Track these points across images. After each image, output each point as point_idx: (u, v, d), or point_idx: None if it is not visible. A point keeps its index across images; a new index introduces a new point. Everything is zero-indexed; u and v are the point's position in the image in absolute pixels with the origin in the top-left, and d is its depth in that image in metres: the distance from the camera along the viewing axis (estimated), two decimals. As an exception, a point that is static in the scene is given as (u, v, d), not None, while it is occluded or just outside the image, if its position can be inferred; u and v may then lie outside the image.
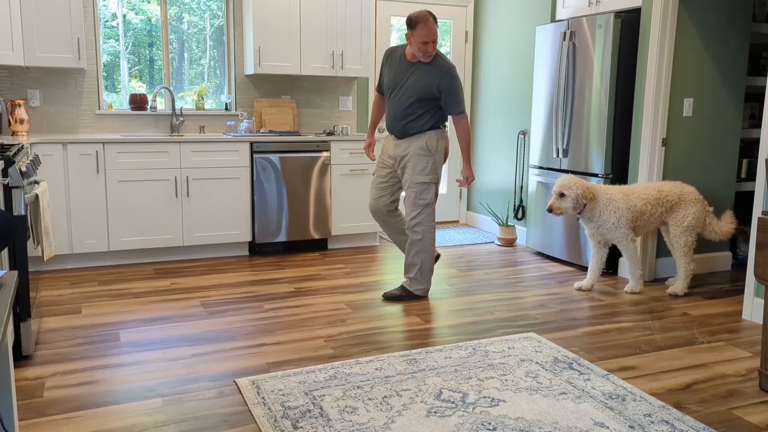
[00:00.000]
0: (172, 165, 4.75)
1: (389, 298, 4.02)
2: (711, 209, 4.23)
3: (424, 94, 3.79)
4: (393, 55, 3.94)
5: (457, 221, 6.68)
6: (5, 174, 2.81)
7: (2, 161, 2.80)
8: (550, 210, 4.11)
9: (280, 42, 5.27)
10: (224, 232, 4.97)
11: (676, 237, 4.12)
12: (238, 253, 5.14)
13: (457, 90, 3.81)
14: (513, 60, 5.78)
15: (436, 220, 6.58)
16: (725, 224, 4.23)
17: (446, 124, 3.98)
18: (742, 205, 5.07)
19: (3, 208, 2.82)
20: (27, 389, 2.70)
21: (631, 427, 2.42)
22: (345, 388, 2.71)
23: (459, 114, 3.84)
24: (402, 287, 4.04)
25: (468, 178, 3.97)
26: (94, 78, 5.05)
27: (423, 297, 4.06)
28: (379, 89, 4.10)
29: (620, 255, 4.68)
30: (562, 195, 4.06)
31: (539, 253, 5.31)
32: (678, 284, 4.18)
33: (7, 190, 2.82)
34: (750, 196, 5.00)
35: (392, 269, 4.78)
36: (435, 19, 3.71)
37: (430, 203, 3.92)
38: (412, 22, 3.70)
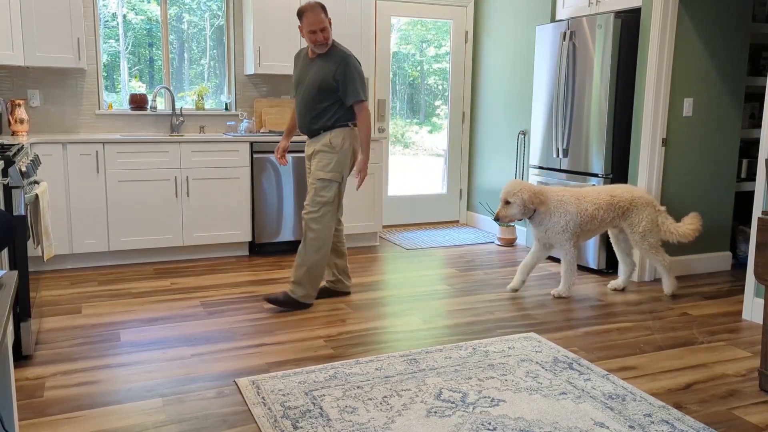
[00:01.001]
0: (172, 165, 4.75)
1: (270, 301, 3.76)
2: (663, 209, 4.13)
3: (322, 86, 3.66)
4: (299, 56, 3.89)
5: (457, 221, 6.68)
6: (5, 174, 2.81)
7: (2, 161, 2.80)
8: (496, 219, 4.01)
9: (280, 42, 5.27)
10: (224, 232, 4.97)
11: (637, 243, 4.07)
12: (238, 253, 5.14)
13: (355, 78, 3.66)
14: (513, 60, 5.78)
15: (438, 219, 6.60)
16: (685, 225, 4.10)
17: (356, 122, 3.80)
18: (742, 205, 5.08)
19: (3, 208, 2.82)
20: (27, 389, 2.70)
21: (631, 427, 2.42)
22: (345, 388, 2.71)
23: (358, 103, 3.70)
24: (285, 293, 3.77)
25: (361, 172, 3.79)
26: (94, 78, 5.05)
27: (307, 306, 3.80)
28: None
29: (620, 255, 4.68)
30: (507, 202, 3.95)
31: (539, 253, 5.31)
32: (666, 283, 4.15)
33: (7, 190, 2.82)
34: (750, 196, 5.00)
35: (392, 269, 4.78)
36: (323, 7, 3.61)
37: (330, 202, 3.76)
38: (299, 13, 3.62)
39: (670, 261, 4.13)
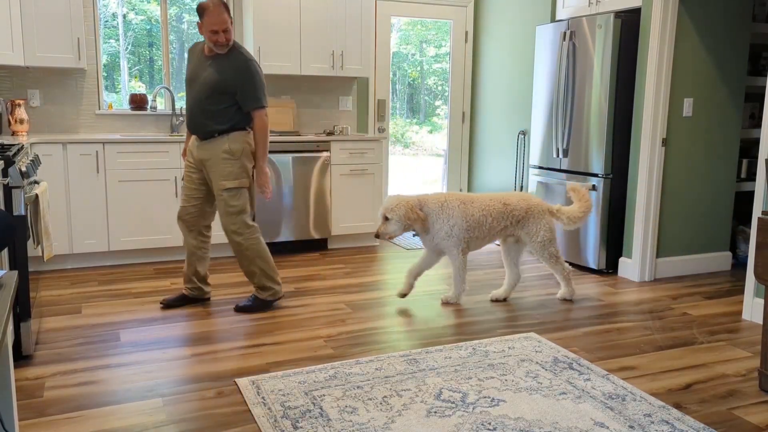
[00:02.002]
0: (172, 165, 4.75)
1: (241, 310, 3.72)
2: (557, 207, 4.00)
3: (219, 88, 3.49)
4: (194, 50, 3.68)
5: (457, 221, 6.67)
6: (5, 174, 2.81)
7: (2, 161, 2.80)
8: (377, 236, 3.82)
9: (280, 42, 5.27)
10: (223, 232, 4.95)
11: (537, 252, 3.95)
12: (238, 253, 5.13)
13: (255, 83, 3.52)
14: (513, 60, 5.78)
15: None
16: (574, 208, 3.99)
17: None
18: (742, 205, 5.08)
19: (3, 208, 2.82)
20: (27, 389, 2.70)
21: (631, 427, 2.42)
22: (345, 388, 2.71)
23: (257, 110, 3.55)
24: (253, 297, 3.77)
25: (264, 187, 3.63)
26: (94, 78, 5.05)
27: (275, 301, 3.81)
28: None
29: (620, 254, 4.68)
30: (386, 218, 3.77)
31: (539, 253, 5.31)
32: (563, 290, 4.05)
33: (7, 190, 2.82)
34: (750, 196, 5.00)
35: (392, 269, 4.78)
36: (226, 7, 3.46)
37: (243, 210, 3.62)
38: (201, 10, 3.45)
39: (570, 270, 4.05)
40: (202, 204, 3.72)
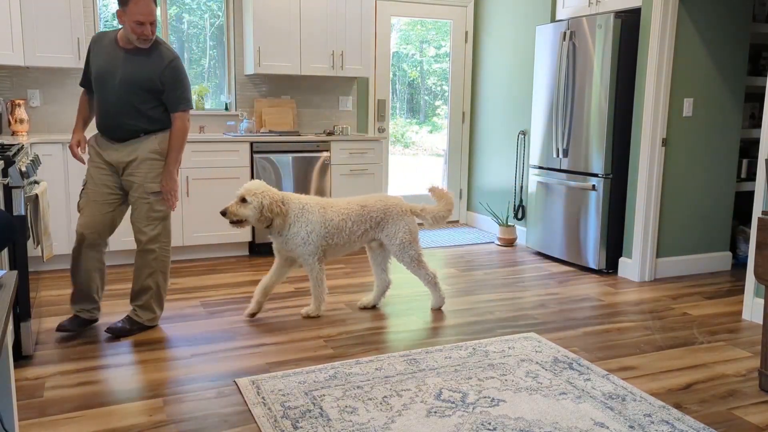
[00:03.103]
0: (172, 165, 4.74)
1: (114, 332, 3.28)
2: (420, 207, 3.81)
3: (145, 86, 3.21)
4: (100, 41, 3.27)
5: (457, 221, 6.68)
6: (5, 174, 2.81)
7: (2, 161, 2.80)
8: (223, 213, 3.41)
9: (280, 42, 5.27)
10: (224, 232, 4.96)
11: (397, 254, 3.72)
12: (238, 253, 5.14)
13: (184, 83, 3.29)
14: (513, 60, 5.78)
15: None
16: (438, 207, 3.80)
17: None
18: (742, 205, 5.08)
19: (3, 208, 2.82)
20: (27, 389, 2.70)
21: (631, 427, 2.42)
22: (345, 388, 2.71)
23: (183, 112, 3.29)
24: (128, 318, 3.35)
25: (170, 194, 3.33)
26: (94, 78, 5.05)
27: (153, 327, 3.45)
28: (86, 83, 3.38)
29: (620, 254, 4.68)
30: (244, 200, 3.40)
31: (539, 253, 5.31)
32: (433, 298, 3.84)
33: (7, 190, 2.82)
34: (750, 196, 5.00)
35: (392, 269, 4.77)
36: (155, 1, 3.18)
37: (167, 216, 3.40)
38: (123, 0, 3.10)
39: (435, 274, 3.81)
40: (114, 214, 3.36)
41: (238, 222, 3.44)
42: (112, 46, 3.24)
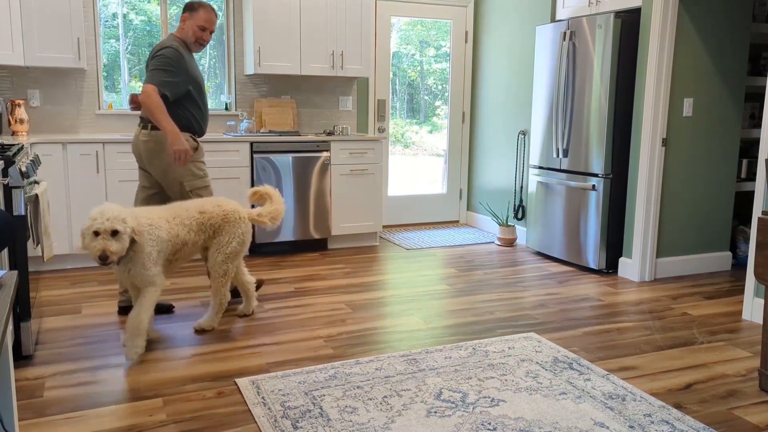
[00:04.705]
0: (172, 165, 4.75)
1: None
2: (257, 211, 3.54)
3: None
4: (180, 51, 3.49)
5: (457, 221, 6.68)
6: (5, 174, 2.81)
7: (2, 161, 2.80)
8: (103, 260, 2.78)
9: (280, 42, 5.27)
10: (224, 232, 4.96)
11: (217, 266, 3.33)
12: (238, 253, 5.13)
13: None
14: (513, 60, 5.78)
15: (438, 219, 6.61)
16: (273, 207, 3.58)
17: None
18: (742, 205, 5.08)
19: (3, 208, 2.82)
20: (27, 389, 2.70)
21: (631, 427, 2.42)
22: (345, 388, 2.71)
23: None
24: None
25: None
26: (94, 78, 5.05)
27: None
28: (180, 90, 3.48)
29: (620, 254, 4.68)
30: (116, 232, 2.80)
31: (539, 253, 5.31)
32: (207, 319, 3.41)
33: (7, 190, 2.82)
34: (750, 196, 5.00)
35: (392, 269, 4.78)
36: (216, 14, 3.58)
37: None
38: (195, 5, 3.51)
39: (225, 303, 3.42)
40: None
41: (116, 260, 2.85)
42: (189, 54, 3.55)
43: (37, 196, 2.99)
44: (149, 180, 3.65)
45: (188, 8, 3.53)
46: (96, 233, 2.79)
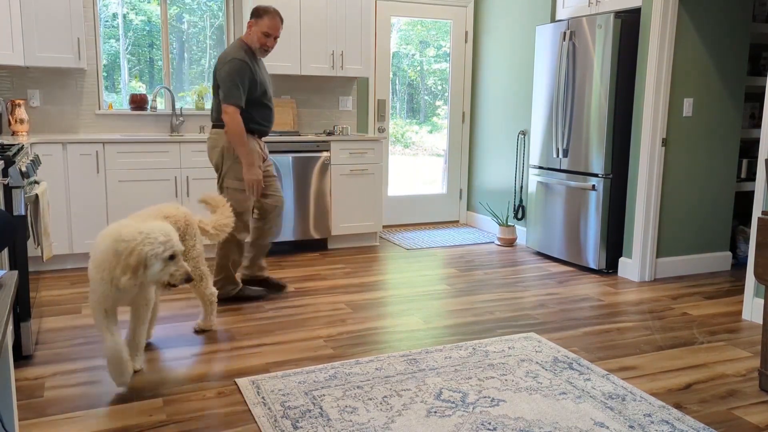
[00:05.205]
0: (172, 165, 4.75)
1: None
2: (199, 220, 3.35)
3: None
4: (246, 58, 3.66)
5: (457, 221, 6.68)
6: (5, 174, 2.81)
7: (2, 161, 2.80)
8: (189, 280, 2.62)
9: (280, 42, 5.26)
10: (224, 232, 4.96)
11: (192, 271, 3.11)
12: (238, 253, 5.13)
13: None
14: (513, 60, 5.78)
15: (438, 219, 6.61)
16: (220, 216, 3.44)
17: None
18: (742, 205, 5.08)
19: (3, 208, 2.82)
20: (27, 389, 2.70)
21: (631, 427, 2.42)
22: (345, 388, 2.71)
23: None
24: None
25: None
26: (94, 78, 5.05)
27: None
28: (249, 97, 3.70)
29: (620, 254, 4.68)
30: (174, 256, 2.59)
31: (539, 253, 5.31)
32: (204, 320, 3.38)
33: (7, 190, 2.82)
34: (750, 196, 5.00)
35: (392, 269, 4.78)
36: (281, 20, 3.77)
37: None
38: (261, 12, 3.68)
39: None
40: None
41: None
42: (253, 57, 3.72)
43: (37, 196, 2.99)
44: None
45: (254, 14, 3.68)
46: (172, 257, 2.57)
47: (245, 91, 3.64)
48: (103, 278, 2.60)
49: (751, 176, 4.98)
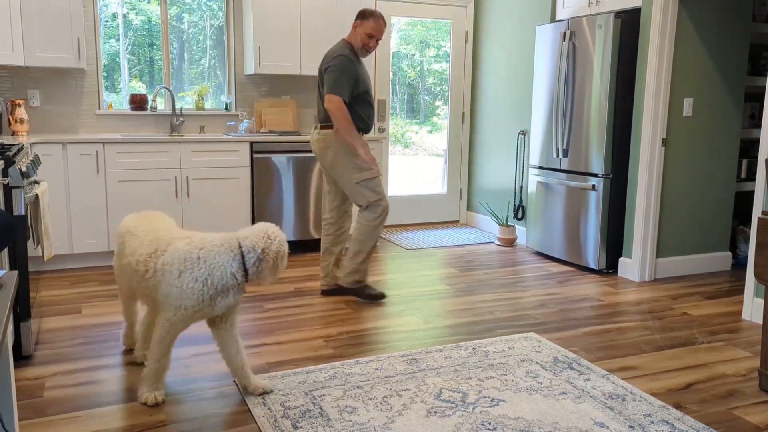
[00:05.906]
0: (172, 165, 4.75)
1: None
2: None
3: None
4: (350, 58, 3.82)
5: (457, 221, 6.68)
6: (5, 174, 2.81)
7: (2, 161, 2.80)
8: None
9: (280, 42, 5.27)
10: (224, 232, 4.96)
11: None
12: (238, 253, 5.13)
13: None
14: (513, 60, 5.78)
15: (438, 219, 6.61)
16: None
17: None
18: (742, 205, 5.08)
19: (3, 208, 2.82)
20: (27, 389, 2.70)
21: (631, 427, 2.42)
22: (345, 388, 2.71)
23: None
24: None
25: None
26: (94, 78, 5.05)
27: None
28: (353, 93, 3.82)
29: (620, 254, 4.68)
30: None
31: (539, 253, 5.31)
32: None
33: (7, 190, 2.82)
34: (750, 196, 5.00)
35: (392, 269, 4.78)
36: (385, 23, 3.93)
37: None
38: (366, 14, 3.87)
39: None
40: None
41: None
42: (357, 60, 3.86)
43: (37, 196, 2.99)
44: (330, 180, 4.01)
45: (360, 16, 3.87)
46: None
47: (350, 86, 3.76)
48: (203, 292, 2.46)
49: (751, 176, 4.98)
